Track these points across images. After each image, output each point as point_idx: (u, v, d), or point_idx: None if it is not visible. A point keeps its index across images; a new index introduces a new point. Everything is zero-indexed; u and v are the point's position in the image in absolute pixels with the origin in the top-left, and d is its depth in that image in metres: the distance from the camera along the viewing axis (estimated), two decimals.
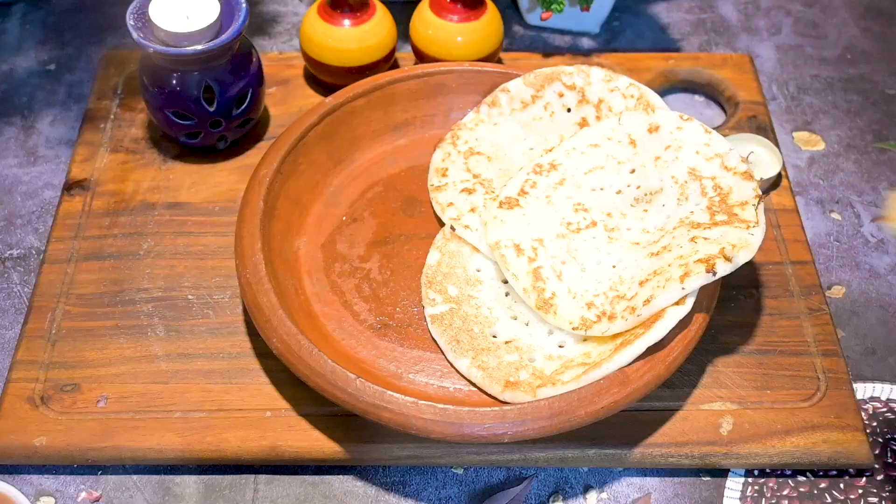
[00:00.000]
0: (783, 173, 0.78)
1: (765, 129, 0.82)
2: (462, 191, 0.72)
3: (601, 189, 0.70)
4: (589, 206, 0.69)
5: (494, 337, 0.66)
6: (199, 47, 0.71)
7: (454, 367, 0.65)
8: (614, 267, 0.66)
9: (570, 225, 0.69)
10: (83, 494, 0.63)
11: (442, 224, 0.72)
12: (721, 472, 0.64)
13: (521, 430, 0.58)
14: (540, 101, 0.75)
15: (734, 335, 0.69)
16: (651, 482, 0.64)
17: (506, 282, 0.68)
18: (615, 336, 0.63)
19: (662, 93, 0.87)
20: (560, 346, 0.64)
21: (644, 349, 0.59)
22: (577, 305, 0.64)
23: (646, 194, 0.69)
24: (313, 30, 0.81)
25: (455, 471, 0.64)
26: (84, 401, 0.64)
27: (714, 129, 0.71)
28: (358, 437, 0.63)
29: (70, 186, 0.77)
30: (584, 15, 0.91)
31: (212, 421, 0.63)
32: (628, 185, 0.70)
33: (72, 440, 0.62)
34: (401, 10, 0.90)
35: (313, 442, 0.63)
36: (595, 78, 0.73)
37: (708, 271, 0.59)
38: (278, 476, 0.63)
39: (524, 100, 0.75)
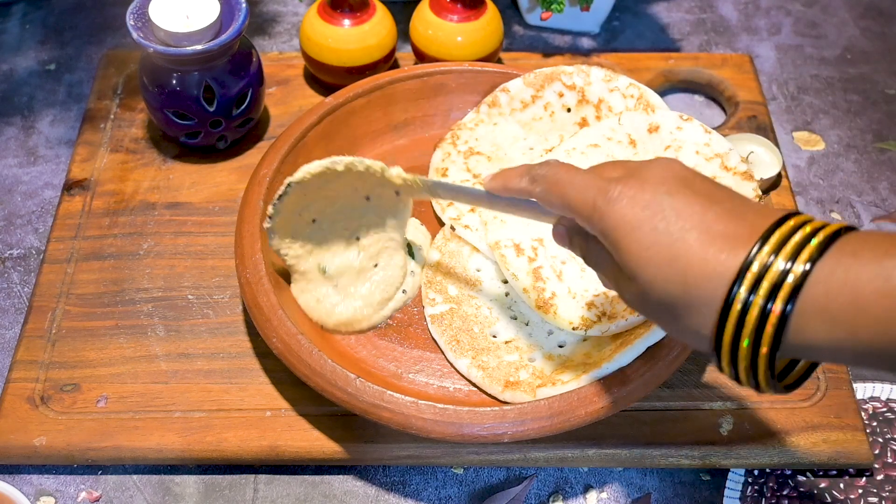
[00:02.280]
0: (783, 173, 0.78)
1: (765, 129, 0.82)
2: None
3: None
4: None
5: (494, 337, 0.66)
6: (199, 47, 0.71)
7: (454, 367, 0.65)
8: None
9: None
10: (83, 494, 0.63)
11: (442, 224, 0.72)
12: (721, 472, 0.64)
13: (521, 430, 0.58)
14: (540, 100, 0.75)
15: None
16: (651, 482, 0.64)
17: (506, 282, 0.68)
18: (615, 336, 0.63)
19: (662, 93, 0.87)
20: (560, 346, 0.64)
21: (644, 349, 0.59)
22: (577, 305, 0.64)
23: None
24: (313, 30, 0.81)
25: (455, 471, 0.64)
26: (84, 401, 0.64)
27: (714, 129, 0.71)
28: (358, 437, 0.63)
29: (70, 186, 0.77)
30: (584, 15, 0.91)
31: (212, 421, 0.63)
32: None
33: (72, 440, 0.62)
34: (401, 10, 0.90)
35: (313, 442, 0.63)
36: (595, 78, 0.73)
37: None
38: (278, 476, 0.63)
39: (524, 100, 0.75)
